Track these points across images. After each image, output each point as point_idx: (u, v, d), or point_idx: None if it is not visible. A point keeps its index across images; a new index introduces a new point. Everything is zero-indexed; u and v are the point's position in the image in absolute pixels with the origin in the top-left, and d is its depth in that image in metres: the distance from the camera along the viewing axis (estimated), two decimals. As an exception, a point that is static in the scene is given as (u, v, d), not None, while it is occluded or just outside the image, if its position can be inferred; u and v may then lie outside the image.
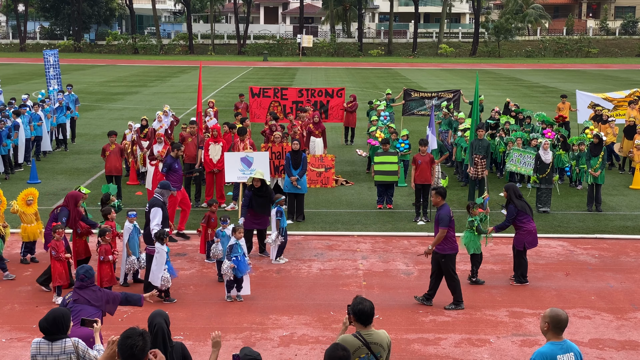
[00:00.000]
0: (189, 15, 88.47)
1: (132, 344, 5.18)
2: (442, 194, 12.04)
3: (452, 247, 11.75)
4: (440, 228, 11.68)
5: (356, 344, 6.61)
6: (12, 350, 10.28)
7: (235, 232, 12.08)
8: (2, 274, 13.06)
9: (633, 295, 12.56)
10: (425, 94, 25.71)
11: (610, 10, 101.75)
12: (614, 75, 59.53)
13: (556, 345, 6.69)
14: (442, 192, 12.07)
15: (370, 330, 6.73)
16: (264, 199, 14.06)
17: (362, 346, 6.62)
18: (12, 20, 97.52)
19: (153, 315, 6.94)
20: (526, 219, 12.84)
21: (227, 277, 11.90)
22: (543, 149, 18.20)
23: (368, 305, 6.70)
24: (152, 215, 12.24)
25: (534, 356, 6.68)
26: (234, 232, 12.10)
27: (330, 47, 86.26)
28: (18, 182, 20.03)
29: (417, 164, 16.84)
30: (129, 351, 5.18)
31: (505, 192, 13.13)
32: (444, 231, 11.64)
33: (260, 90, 24.39)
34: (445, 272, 11.79)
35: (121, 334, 5.39)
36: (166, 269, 11.74)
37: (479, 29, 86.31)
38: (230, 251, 11.94)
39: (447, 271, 11.76)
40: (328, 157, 20.38)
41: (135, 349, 5.17)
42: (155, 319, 6.86)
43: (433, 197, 12.13)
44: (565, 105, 26.42)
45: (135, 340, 5.19)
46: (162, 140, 17.91)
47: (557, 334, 6.72)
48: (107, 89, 45.96)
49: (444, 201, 12.01)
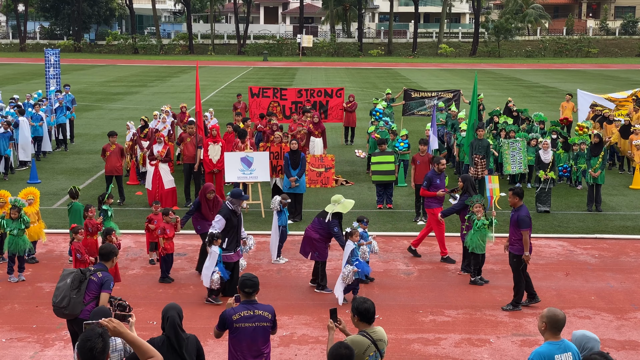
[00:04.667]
0: (189, 15, 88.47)
1: (91, 346, 5.07)
2: (520, 195, 11.78)
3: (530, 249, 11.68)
4: (522, 230, 11.53)
5: (366, 343, 6.77)
6: (12, 350, 10.28)
7: (352, 235, 11.91)
8: (16, 273, 13.00)
9: (633, 295, 12.56)
10: (425, 94, 25.71)
11: (610, 10, 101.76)
12: (614, 75, 59.53)
13: (554, 345, 6.70)
14: (519, 193, 11.79)
15: (374, 328, 6.92)
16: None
17: (371, 344, 6.79)
18: (12, 20, 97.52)
19: (167, 308, 7.06)
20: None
21: (349, 281, 11.72)
22: (543, 149, 18.21)
23: (371, 304, 6.92)
24: (215, 220, 12.02)
25: (531, 356, 6.70)
26: (351, 236, 11.89)
27: (330, 47, 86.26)
28: (18, 182, 20.03)
29: (417, 164, 16.84)
30: (89, 353, 5.07)
31: (462, 182, 13.57)
32: (526, 233, 11.54)
33: (259, 91, 24.38)
34: (514, 271, 11.73)
35: (79, 336, 5.32)
36: (217, 271, 11.75)
37: (479, 29, 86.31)
38: (351, 255, 11.81)
39: (517, 271, 11.71)
40: (328, 157, 20.38)
41: (95, 351, 5.07)
42: (169, 312, 6.99)
43: (510, 198, 11.82)
44: (569, 105, 26.41)
45: (95, 343, 5.08)
46: (162, 140, 17.91)
47: (555, 333, 6.74)
48: (107, 89, 45.96)
49: (521, 202, 11.80)
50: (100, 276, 8.81)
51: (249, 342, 7.59)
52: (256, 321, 7.58)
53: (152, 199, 17.67)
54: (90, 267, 9.08)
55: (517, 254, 11.67)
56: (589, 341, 6.83)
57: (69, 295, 8.71)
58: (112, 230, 11.90)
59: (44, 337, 10.66)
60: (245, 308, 7.62)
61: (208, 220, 13.00)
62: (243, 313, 7.59)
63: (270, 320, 7.66)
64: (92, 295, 8.79)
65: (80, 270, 8.88)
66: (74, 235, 12.02)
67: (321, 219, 12.58)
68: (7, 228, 12.79)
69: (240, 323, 7.57)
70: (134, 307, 11.44)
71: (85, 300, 8.77)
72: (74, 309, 8.74)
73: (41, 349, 10.33)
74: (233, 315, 7.59)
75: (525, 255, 11.58)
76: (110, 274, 8.97)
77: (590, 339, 6.83)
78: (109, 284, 8.82)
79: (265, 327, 7.63)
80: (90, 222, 12.72)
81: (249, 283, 7.68)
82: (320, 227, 12.53)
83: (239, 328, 7.57)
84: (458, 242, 14.92)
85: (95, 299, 8.80)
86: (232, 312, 7.61)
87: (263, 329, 7.62)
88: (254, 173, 17.13)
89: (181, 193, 18.22)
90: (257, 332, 7.60)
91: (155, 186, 17.58)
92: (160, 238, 12.93)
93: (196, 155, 18.09)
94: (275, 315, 7.76)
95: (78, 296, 8.74)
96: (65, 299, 8.71)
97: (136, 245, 15.00)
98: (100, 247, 9.28)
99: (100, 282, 8.79)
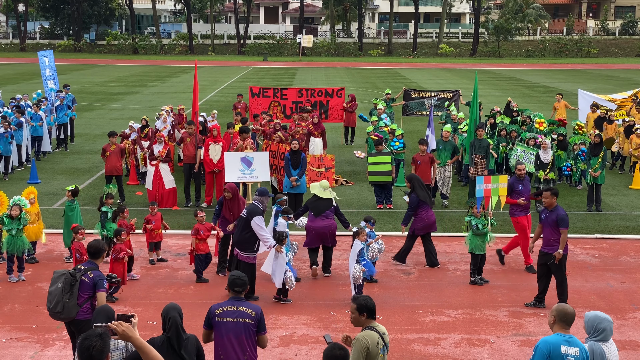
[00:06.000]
0: (189, 15, 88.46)
1: (89, 344, 5.18)
2: (557, 195, 11.88)
3: (565, 248, 11.68)
4: (562, 229, 11.56)
5: (376, 337, 6.99)
6: (12, 350, 10.29)
7: (359, 235, 11.92)
8: (16, 273, 13.00)
9: (633, 295, 12.57)
10: (424, 94, 25.70)
11: (610, 10, 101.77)
12: (614, 75, 59.52)
13: (562, 336, 6.80)
14: (556, 193, 11.88)
15: (377, 323, 7.15)
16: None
17: (379, 338, 7.00)
18: (12, 20, 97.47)
19: (167, 308, 7.07)
20: (424, 209, 13.84)
21: (359, 282, 11.72)
22: (542, 149, 18.20)
23: (372, 300, 7.12)
24: (258, 223, 11.84)
25: (538, 343, 6.83)
26: (358, 235, 11.91)
27: (330, 47, 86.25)
28: (18, 182, 20.03)
29: (417, 164, 16.83)
30: (86, 352, 5.19)
31: (409, 182, 14.02)
32: (565, 232, 11.59)
33: (260, 90, 24.38)
34: (558, 271, 11.71)
35: (80, 336, 5.41)
36: (288, 270, 11.75)
37: (479, 29, 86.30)
38: (359, 255, 11.83)
39: (561, 271, 11.71)
40: (328, 157, 20.38)
41: (92, 349, 5.18)
42: (170, 313, 7.02)
43: (548, 199, 11.79)
44: (561, 104, 26.39)
45: (92, 341, 5.19)
46: (162, 141, 17.92)
47: (563, 327, 6.85)
48: (107, 89, 45.96)
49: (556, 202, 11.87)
50: (92, 276, 8.81)
51: (230, 338, 7.59)
52: (238, 317, 7.60)
53: (152, 199, 17.68)
54: (79, 267, 9.02)
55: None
56: (602, 322, 6.89)
57: (62, 300, 8.74)
58: (121, 232, 12.02)
59: (44, 337, 10.66)
60: (229, 304, 7.71)
61: (228, 220, 13.02)
62: (226, 308, 7.66)
63: (253, 318, 7.62)
64: (86, 296, 8.82)
65: (70, 273, 8.86)
66: (75, 235, 12.02)
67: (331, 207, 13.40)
68: (5, 227, 12.79)
69: (222, 317, 7.61)
70: (134, 308, 11.50)
71: (80, 302, 8.80)
72: (69, 312, 8.79)
73: (41, 349, 10.33)
74: (216, 310, 7.68)
75: (558, 253, 11.59)
76: (101, 273, 8.96)
77: (603, 319, 6.90)
78: (102, 283, 8.81)
79: (247, 324, 7.60)
80: (124, 222, 12.82)
81: (239, 282, 7.80)
82: (330, 214, 13.35)
83: (220, 322, 7.61)
84: (458, 242, 14.93)
85: (89, 300, 8.84)
86: (217, 307, 7.72)
87: (244, 326, 7.59)
88: (254, 173, 17.13)
89: (181, 193, 18.22)
90: (239, 328, 7.59)
91: (156, 186, 17.59)
92: (193, 239, 12.89)
93: (196, 155, 18.10)
94: (261, 316, 7.70)
95: (71, 299, 8.77)
96: (59, 304, 8.74)
97: (136, 245, 14.96)
98: (88, 245, 9.18)
99: (92, 282, 8.79)
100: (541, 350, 6.72)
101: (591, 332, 6.93)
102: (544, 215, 11.82)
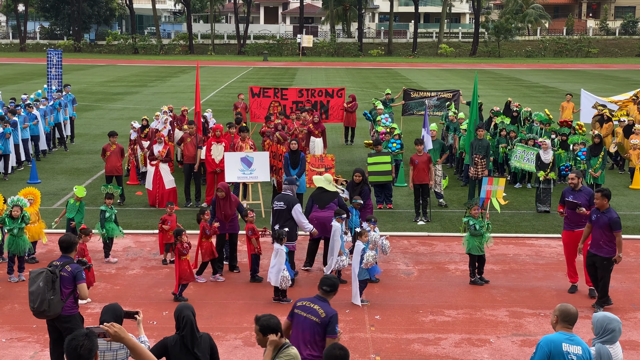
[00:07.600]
0: (189, 15, 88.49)
1: (76, 344, 5.19)
2: (609, 197, 11.73)
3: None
4: (616, 232, 11.53)
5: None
6: (12, 350, 10.29)
7: (361, 236, 11.96)
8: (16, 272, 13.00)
9: (633, 295, 12.57)
10: (424, 94, 25.71)
11: (610, 10, 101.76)
12: (614, 75, 59.52)
13: (564, 335, 6.81)
14: (608, 195, 11.72)
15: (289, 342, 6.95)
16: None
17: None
18: (12, 20, 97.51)
19: (180, 308, 7.17)
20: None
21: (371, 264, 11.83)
22: (543, 149, 18.20)
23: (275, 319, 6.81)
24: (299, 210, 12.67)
25: (540, 340, 6.83)
26: (360, 236, 11.97)
27: (330, 47, 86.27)
28: (18, 182, 20.03)
29: (415, 164, 16.82)
30: (74, 352, 5.20)
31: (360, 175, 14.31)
32: (619, 234, 11.57)
33: (260, 90, 24.38)
34: (606, 273, 11.69)
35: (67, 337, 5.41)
36: (285, 269, 11.77)
37: (479, 29, 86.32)
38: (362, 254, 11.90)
39: (608, 271, 11.69)
40: (328, 157, 20.35)
41: (80, 349, 5.18)
42: (183, 312, 7.11)
43: (599, 200, 11.65)
44: (570, 105, 26.36)
45: (79, 341, 5.20)
46: (162, 141, 17.92)
47: (566, 326, 6.86)
48: (107, 89, 45.97)
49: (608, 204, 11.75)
50: (70, 270, 8.95)
51: (298, 332, 7.75)
52: (309, 313, 7.74)
53: (153, 199, 17.71)
54: (54, 262, 9.12)
55: (606, 256, 11.61)
56: (611, 322, 6.87)
57: (46, 298, 8.80)
58: (182, 232, 12.00)
59: (44, 337, 10.65)
60: (311, 300, 7.90)
61: (220, 219, 13.06)
62: (305, 303, 7.86)
63: (321, 318, 7.68)
64: (69, 291, 8.96)
65: (49, 270, 8.94)
66: (83, 236, 12.05)
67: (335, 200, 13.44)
68: (7, 226, 12.79)
69: (298, 310, 7.81)
70: (134, 308, 11.42)
71: (63, 297, 8.92)
72: (55, 309, 8.89)
73: (41, 349, 10.33)
74: (298, 302, 7.92)
75: (618, 256, 11.56)
76: (78, 265, 9.13)
77: (613, 319, 6.89)
78: (81, 274, 9.00)
79: (314, 323, 7.69)
80: (206, 224, 12.76)
81: (327, 282, 8.01)
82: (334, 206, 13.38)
83: (296, 315, 7.82)
84: (458, 242, 14.92)
85: (72, 294, 8.97)
86: (300, 300, 7.95)
87: (311, 324, 7.69)
88: (254, 173, 17.13)
89: (181, 193, 18.22)
90: (306, 325, 7.70)
91: (156, 186, 17.59)
92: (253, 239, 12.82)
93: (196, 155, 18.10)
94: (332, 319, 7.66)
95: (55, 296, 8.86)
96: (44, 302, 8.80)
97: (136, 245, 15.00)
98: (59, 240, 9.30)
99: (72, 275, 8.93)
100: (542, 348, 6.72)
101: (600, 332, 6.90)
102: (595, 216, 11.71)
